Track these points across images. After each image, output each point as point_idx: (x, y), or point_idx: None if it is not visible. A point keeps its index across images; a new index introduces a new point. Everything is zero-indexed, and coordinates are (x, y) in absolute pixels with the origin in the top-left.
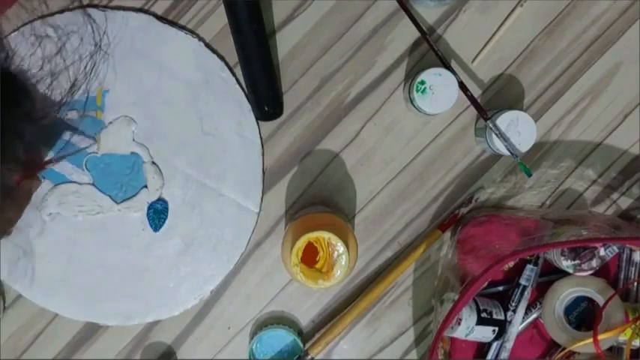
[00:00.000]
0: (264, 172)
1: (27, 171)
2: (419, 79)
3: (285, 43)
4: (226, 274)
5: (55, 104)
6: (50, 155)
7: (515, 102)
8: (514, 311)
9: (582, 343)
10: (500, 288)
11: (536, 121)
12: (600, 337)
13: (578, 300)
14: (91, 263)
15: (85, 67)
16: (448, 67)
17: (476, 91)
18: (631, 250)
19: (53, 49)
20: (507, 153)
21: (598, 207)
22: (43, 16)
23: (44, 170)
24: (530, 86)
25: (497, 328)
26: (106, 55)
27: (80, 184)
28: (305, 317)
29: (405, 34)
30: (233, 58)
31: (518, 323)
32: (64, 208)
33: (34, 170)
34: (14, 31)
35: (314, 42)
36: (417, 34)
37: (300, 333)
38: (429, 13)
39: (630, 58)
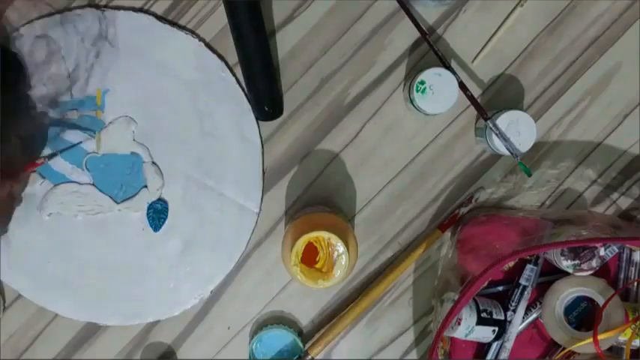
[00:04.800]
0: (264, 172)
1: (9, 172)
2: (419, 79)
3: (285, 43)
4: (226, 274)
5: (51, 97)
6: (43, 154)
7: (515, 102)
8: (514, 311)
9: (582, 343)
10: (500, 288)
11: (536, 121)
12: (600, 337)
13: (578, 300)
14: (91, 263)
15: (87, 61)
16: (448, 67)
17: (476, 91)
18: (631, 250)
19: (59, 42)
20: (507, 153)
21: (598, 207)
22: (59, 11)
23: (31, 172)
24: (530, 86)
25: (497, 328)
26: (112, 52)
27: (80, 184)
28: (305, 317)
29: (405, 34)
30: (233, 58)
31: (518, 323)
32: (64, 208)
33: (17, 172)
34: (26, 23)
35: (314, 42)
36: (417, 34)
37: (300, 333)
38: (429, 13)
39: (630, 58)
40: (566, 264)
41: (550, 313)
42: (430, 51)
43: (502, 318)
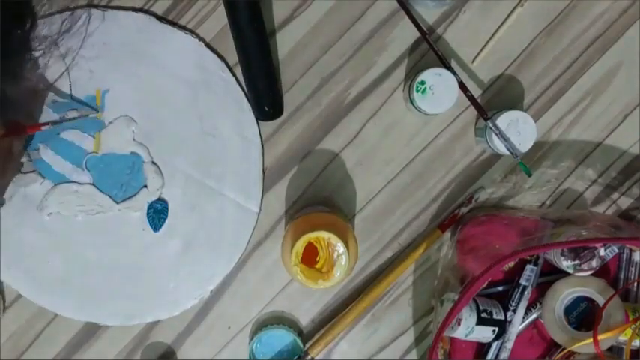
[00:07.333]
0: (264, 172)
1: (11, 128)
2: (419, 79)
3: (285, 43)
4: (226, 274)
5: (51, 38)
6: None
7: (515, 102)
8: (514, 311)
9: (582, 343)
10: (500, 288)
11: (536, 121)
12: (600, 337)
13: (578, 300)
14: (91, 263)
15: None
16: (448, 67)
17: (476, 91)
18: (631, 250)
19: None
20: (507, 153)
21: (598, 207)
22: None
23: (32, 133)
24: (530, 86)
25: (497, 328)
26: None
27: (80, 184)
28: (305, 317)
29: (405, 34)
30: (233, 58)
31: (518, 323)
32: (64, 208)
33: (20, 129)
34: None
35: (314, 42)
36: (417, 34)
37: (300, 333)
38: (429, 13)
39: (630, 58)
40: (566, 264)
41: (550, 313)
42: (430, 51)
43: (502, 318)
